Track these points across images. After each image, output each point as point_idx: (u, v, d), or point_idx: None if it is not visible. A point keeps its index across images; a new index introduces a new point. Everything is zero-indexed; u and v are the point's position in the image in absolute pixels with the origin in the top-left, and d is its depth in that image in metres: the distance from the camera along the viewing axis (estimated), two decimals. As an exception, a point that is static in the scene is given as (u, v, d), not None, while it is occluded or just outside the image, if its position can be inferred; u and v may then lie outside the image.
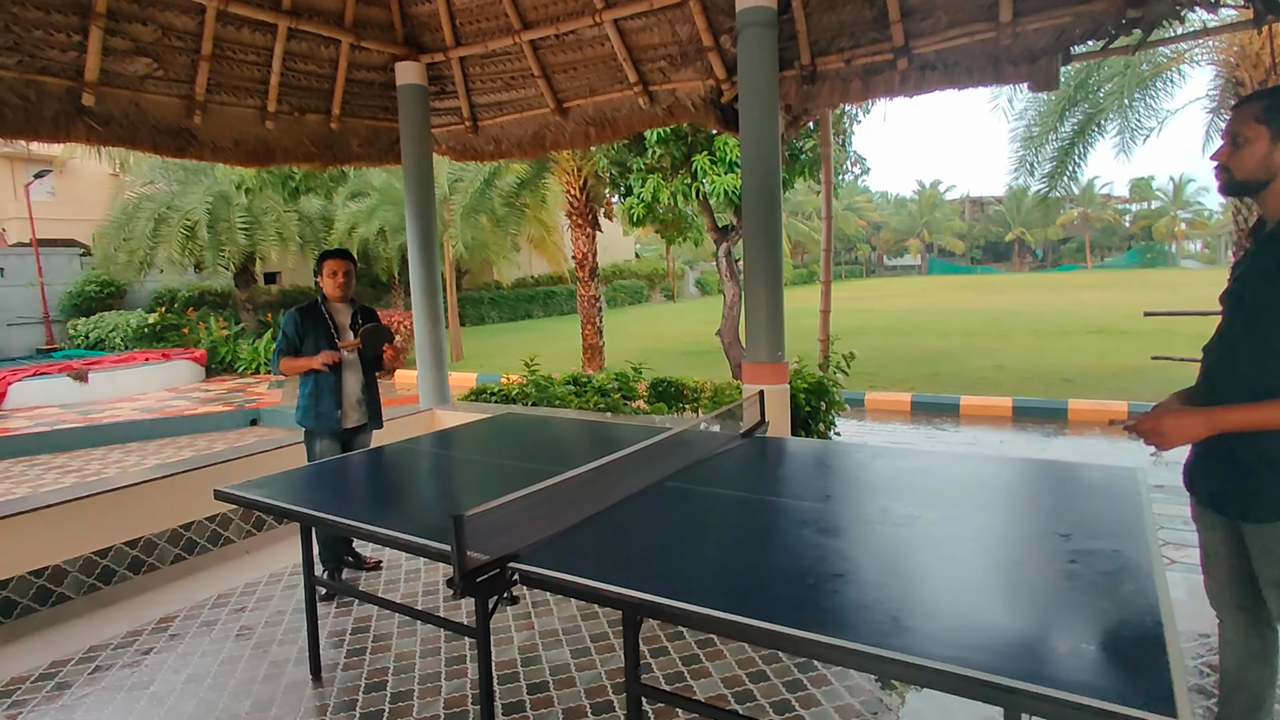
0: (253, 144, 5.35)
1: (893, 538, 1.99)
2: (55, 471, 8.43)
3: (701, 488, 2.61)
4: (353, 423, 3.91)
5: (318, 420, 3.82)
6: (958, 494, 2.38)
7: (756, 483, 2.72)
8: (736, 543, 2.07)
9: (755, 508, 2.37)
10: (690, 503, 2.46)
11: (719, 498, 2.49)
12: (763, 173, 4.54)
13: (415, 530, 2.23)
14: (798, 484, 2.72)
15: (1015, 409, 8.47)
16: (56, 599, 3.74)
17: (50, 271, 18.25)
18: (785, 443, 3.37)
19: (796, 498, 2.47)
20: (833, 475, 2.78)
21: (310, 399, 3.83)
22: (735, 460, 3.03)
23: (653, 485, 2.65)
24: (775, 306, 4.64)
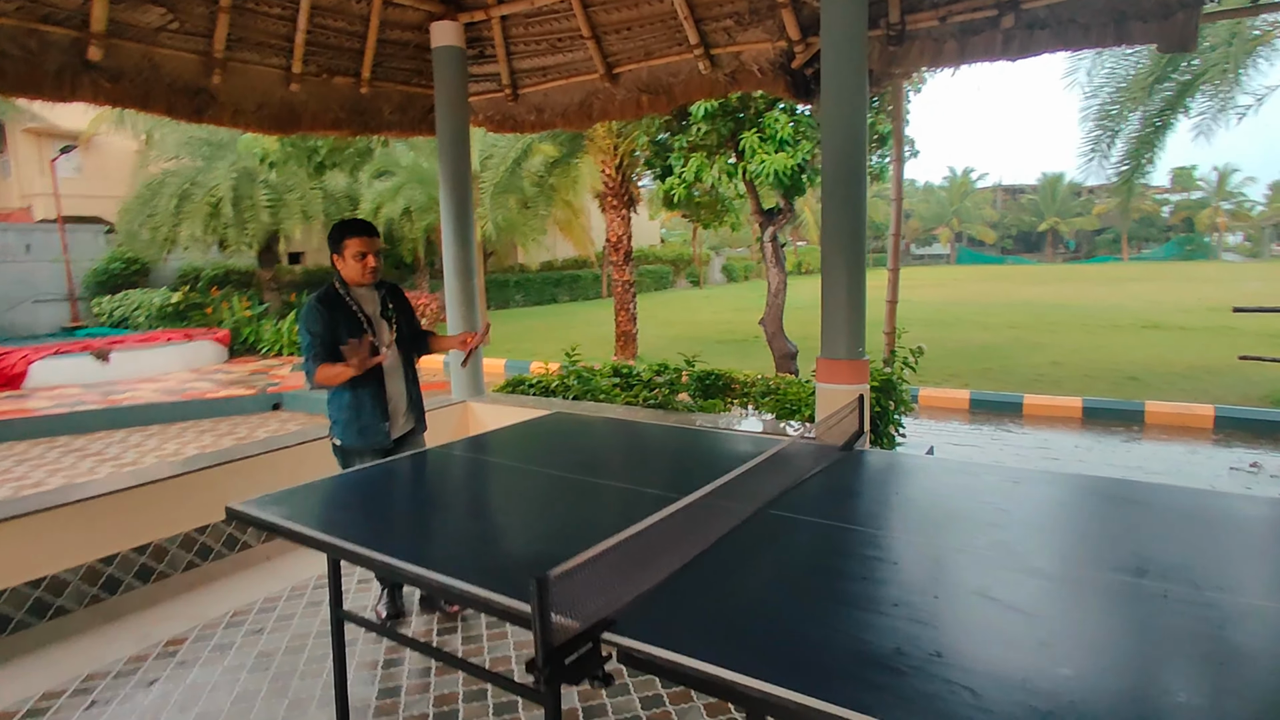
0: (276, 108, 4.89)
1: (1152, 616, 1.48)
2: (74, 455, 8.13)
3: (813, 519, 2.11)
4: (400, 431, 3.25)
5: (362, 436, 3.12)
6: (1195, 543, 1.85)
7: (884, 515, 2.21)
8: (895, 607, 1.57)
9: (902, 554, 1.87)
10: (806, 540, 1.97)
11: (847, 536, 1.99)
12: (846, 148, 3.99)
13: (478, 573, 1.75)
14: (945, 520, 2.20)
15: (1086, 409, 7.86)
16: (55, 612, 3.34)
17: (76, 248, 18.08)
18: (897, 459, 2.86)
19: (955, 544, 1.96)
20: (985, 507, 2.26)
21: (350, 410, 3.10)
22: (843, 481, 2.53)
23: (755, 515, 2.16)
24: (857, 296, 4.11)
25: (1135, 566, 1.70)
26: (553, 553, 1.93)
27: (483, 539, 2.08)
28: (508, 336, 16.99)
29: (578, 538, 2.02)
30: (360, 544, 1.99)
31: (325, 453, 4.51)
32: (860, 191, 4.05)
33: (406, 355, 3.29)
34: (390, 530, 2.16)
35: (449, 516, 2.29)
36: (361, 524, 2.22)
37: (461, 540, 2.08)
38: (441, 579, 1.75)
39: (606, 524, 2.12)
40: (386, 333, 3.18)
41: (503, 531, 2.13)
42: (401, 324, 3.25)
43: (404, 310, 3.31)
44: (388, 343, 3.15)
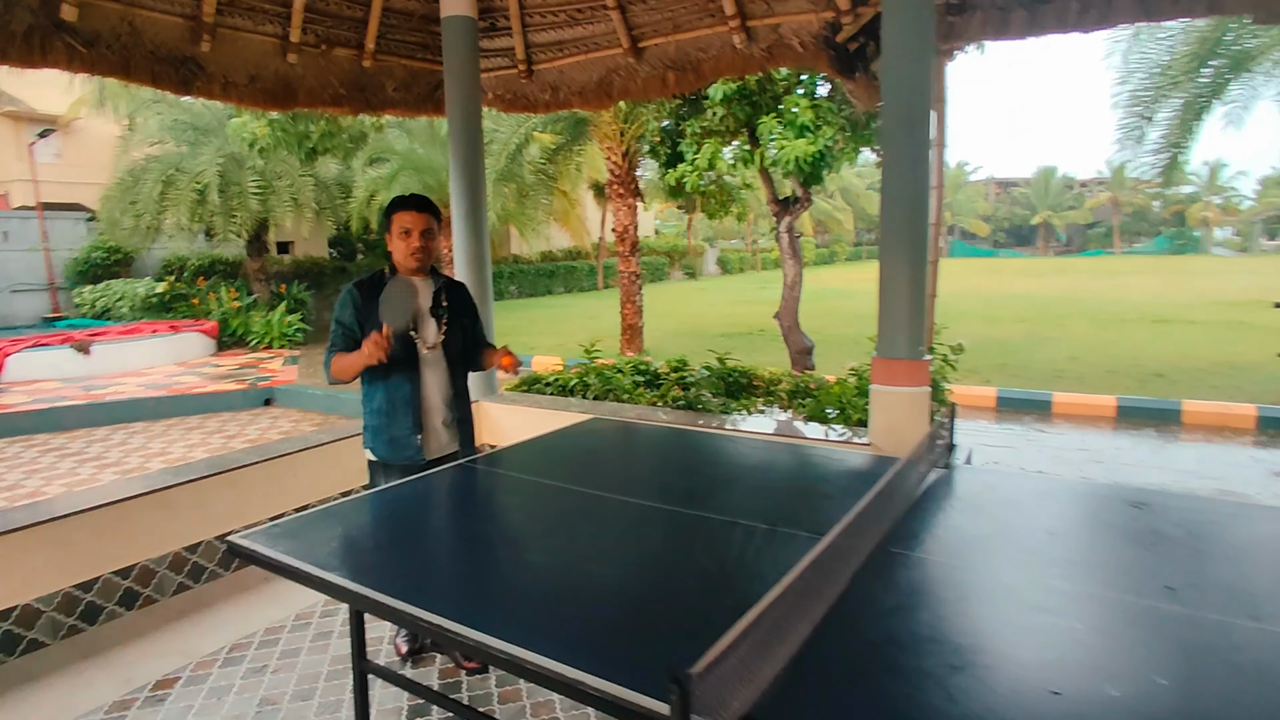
0: (271, 81, 4.46)
1: None
2: (53, 454, 7.67)
3: (940, 559, 1.74)
4: (438, 451, 2.77)
5: (391, 448, 2.70)
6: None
7: (1034, 556, 1.84)
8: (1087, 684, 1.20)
9: (1094, 615, 1.49)
10: (949, 591, 1.59)
11: (995, 584, 1.61)
12: (909, 130, 3.60)
13: (560, 642, 1.37)
14: (1090, 558, 1.84)
15: (1120, 408, 7.56)
16: (27, 647, 2.93)
17: (55, 236, 17.44)
18: (1009, 479, 2.49)
19: (1118, 585, 1.59)
20: (1130, 539, 1.89)
21: (382, 416, 2.70)
22: (958, 507, 2.17)
23: (875, 555, 1.80)
24: (918, 291, 3.73)
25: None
26: (646, 607, 1.54)
27: (551, 587, 1.69)
28: (504, 330, 16.53)
29: (670, 585, 1.64)
30: (399, 596, 1.60)
31: (329, 460, 4.14)
32: (923, 178, 3.68)
33: (454, 362, 2.80)
34: (431, 575, 1.77)
35: (501, 555, 1.90)
36: (394, 566, 1.83)
37: (525, 589, 1.68)
38: (521, 654, 1.36)
39: (702, 567, 1.74)
40: (433, 331, 2.74)
41: (572, 575, 1.74)
42: (454, 325, 2.79)
43: (462, 311, 2.86)
44: (431, 343, 2.72)
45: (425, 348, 2.70)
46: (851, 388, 4.83)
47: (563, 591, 1.66)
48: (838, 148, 8.30)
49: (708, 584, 1.66)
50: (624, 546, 1.92)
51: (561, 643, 1.39)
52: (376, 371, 2.64)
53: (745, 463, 2.72)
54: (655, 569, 1.77)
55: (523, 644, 1.38)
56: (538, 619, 1.52)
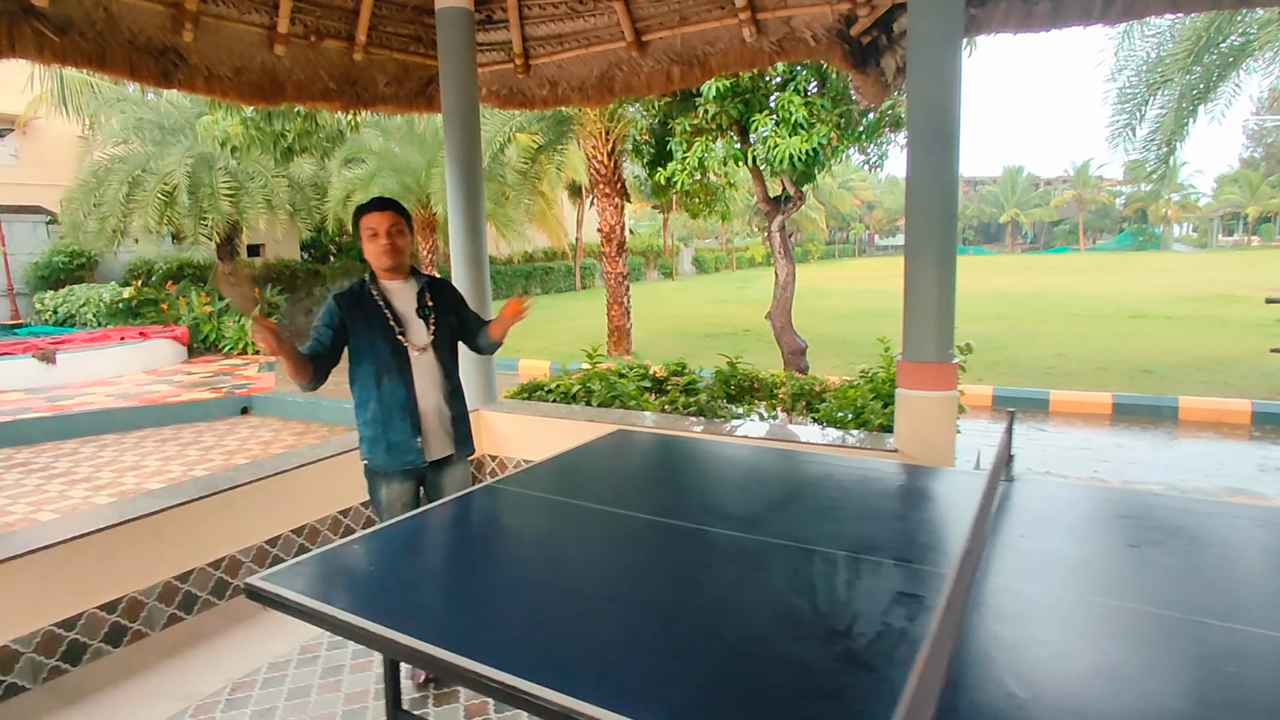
0: (257, 74, 4.20)
1: None
2: (18, 469, 7.26)
3: (1041, 586, 1.59)
4: (438, 453, 2.72)
5: (391, 455, 2.63)
6: None
7: (1131, 577, 1.69)
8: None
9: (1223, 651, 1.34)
10: (1064, 622, 1.43)
11: (1119, 616, 1.46)
12: (937, 126, 3.48)
13: (663, 713, 1.18)
14: (1204, 580, 1.69)
15: (1116, 406, 7.55)
16: (5, 692, 2.67)
17: (14, 240, 16.74)
18: (1061, 489, 2.36)
19: (1250, 618, 1.45)
20: (1238, 559, 1.76)
21: (377, 425, 2.63)
22: (1032, 523, 2.02)
23: (978, 583, 1.64)
24: (946, 292, 3.61)
25: None
26: (743, 657, 1.34)
27: (631, 635, 1.49)
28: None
29: (762, 629, 1.45)
30: (460, 651, 1.40)
31: (327, 476, 3.89)
32: (953, 175, 3.56)
33: (445, 361, 2.76)
34: (486, 622, 1.57)
35: (559, 596, 1.70)
36: (439, 611, 1.63)
37: (601, 640, 1.49)
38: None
39: (790, 604, 1.56)
40: (423, 333, 2.71)
41: (652, 621, 1.55)
42: (442, 323, 2.76)
43: (449, 308, 2.82)
44: (422, 345, 2.69)
45: (415, 350, 2.67)
46: (865, 391, 4.70)
47: (647, 641, 1.47)
48: (830, 145, 8.20)
49: (804, 626, 1.48)
50: (696, 582, 1.74)
51: (662, 709, 1.21)
52: (368, 379, 2.63)
53: (787, 477, 2.56)
54: (740, 610, 1.59)
55: (617, 709, 1.20)
56: (627, 678, 1.34)
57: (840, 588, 1.66)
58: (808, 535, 1.96)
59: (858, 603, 1.59)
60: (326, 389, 2.72)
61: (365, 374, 2.62)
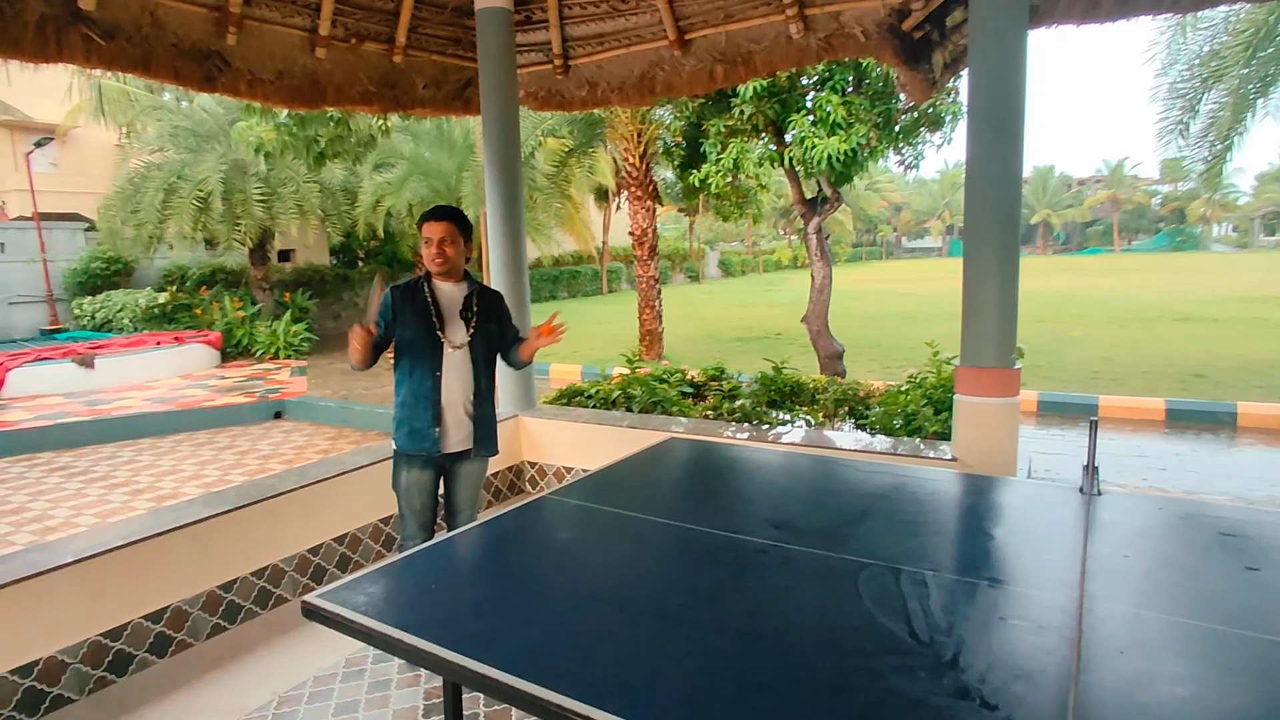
0: (299, 78, 4.18)
1: None
2: (59, 473, 7.34)
3: (1158, 613, 1.45)
4: (456, 446, 2.88)
5: (410, 439, 2.84)
6: None
7: (1258, 611, 1.55)
8: None
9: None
10: (1205, 658, 1.29)
11: None
12: (1000, 122, 3.35)
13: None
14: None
15: (1170, 411, 7.28)
16: (51, 704, 2.63)
17: (53, 247, 17.07)
18: (1151, 504, 2.20)
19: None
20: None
21: (404, 409, 2.86)
22: (1134, 546, 1.88)
23: (1089, 610, 1.50)
24: (1008, 295, 3.47)
25: None
26: (846, 689, 1.26)
27: (712, 663, 1.38)
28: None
29: (859, 656, 1.32)
30: (529, 676, 1.31)
31: (368, 484, 3.83)
32: (1016, 173, 3.42)
33: (478, 363, 2.91)
34: (554, 643, 1.47)
35: (628, 614, 1.59)
36: (503, 631, 1.53)
37: (680, 666, 1.38)
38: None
39: (887, 631, 1.42)
40: (461, 332, 2.87)
41: (739, 646, 1.44)
42: (482, 329, 2.92)
43: (492, 316, 2.98)
44: (458, 343, 2.85)
45: (451, 346, 2.83)
46: (917, 396, 4.54)
47: (734, 671, 1.36)
48: (869, 145, 8.04)
49: (907, 656, 1.36)
50: (779, 606, 1.62)
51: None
52: (405, 367, 2.84)
53: (855, 489, 2.43)
54: (833, 636, 1.47)
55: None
56: (716, 714, 1.23)
57: (937, 612, 1.53)
58: (890, 552, 1.84)
59: (960, 629, 1.46)
60: (357, 394, 2.75)
61: (404, 362, 2.83)
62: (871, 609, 1.56)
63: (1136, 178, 61.44)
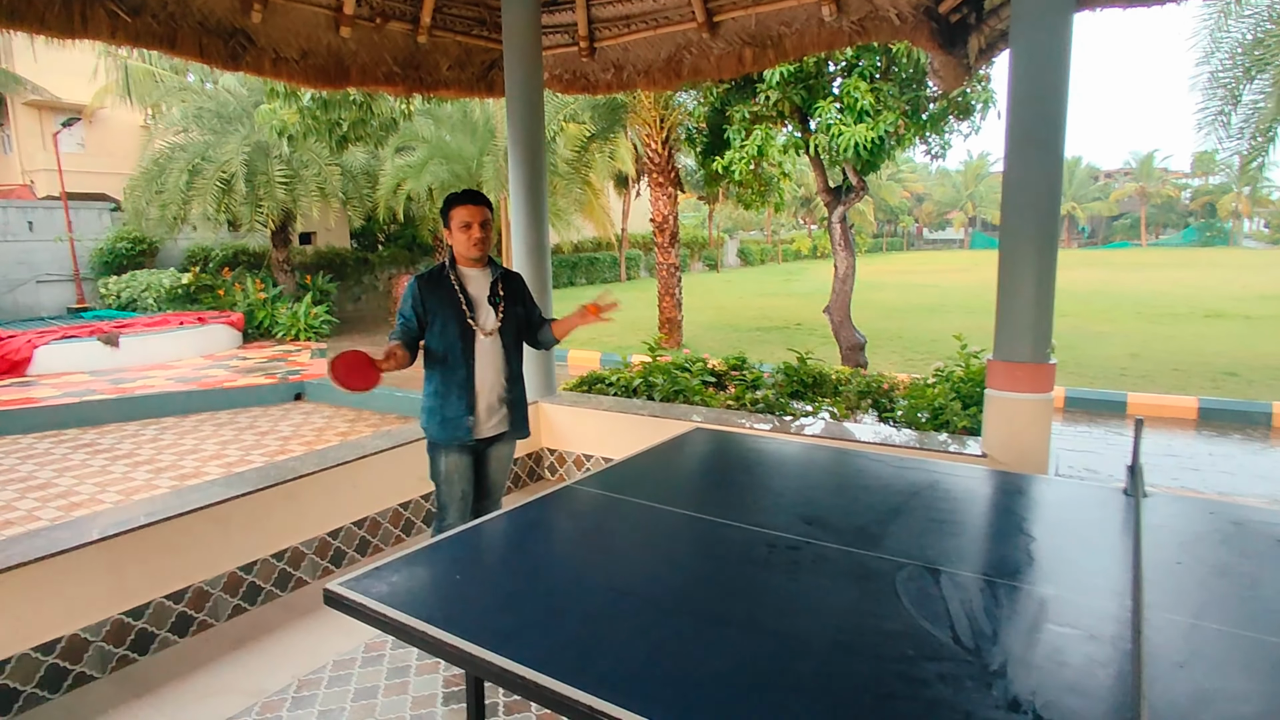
0: (323, 57, 4.14)
1: None
2: (84, 450, 7.43)
3: (1217, 624, 1.37)
4: (489, 431, 2.88)
5: (444, 429, 2.82)
6: None
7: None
8: None
9: None
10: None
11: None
12: (1042, 108, 3.24)
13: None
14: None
15: (1202, 410, 7.11)
16: (74, 681, 2.64)
17: (80, 226, 17.27)
18: (1199, 507, 2.12)
19: None
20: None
21: (435, 398, 2.83)
22: (1186, 552, 1.80)
23: (1140, 620, 1.43)
24: (1045, 288, 3.37)
25: None
26: (884, 699, 1.19)
27: (747, 664, 1.33)
28: (532, 322, 16.17)
29: (899, 663, 1.25)
30: (555, 673, 1.26)
31: (389, 468, 3.82)
32: (1056, 163, 3.31)
33: (509, 347, 2.90)
34: (582, 640, 1.42)
35: (658, 612, 1.54)
36: (528, 625, 1.49)
37: (712, 668, 1.33)
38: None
39: (929, 637, 1.36)
40: (491, 319, 2.85)
41: (770, 648, 1.39)
42: (510, 313, 2.90)
43: (518, 299, 2.97)
44: (489, 330, 2.83)
45: (483, 334, 2.81)
46: (946, 390, 4.45)
47: (772, 675, 1.31)
48: (896, 133, 7.88)
49: (954, 664, 1.30)
50: (816, 607, 1.57)
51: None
52: (435, 356, 2.79)
53: (887, 484, 2.36)
54: (873, 641, 1.41)
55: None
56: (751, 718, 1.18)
57: (981, 617, 1.47)
58: (928, 552, 1.77)
59: (1007, 636, 1.40)
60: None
61: (434, 351, 2.78)
62: (912, 612, 1.50)
63: (1166, 170, 60.18)
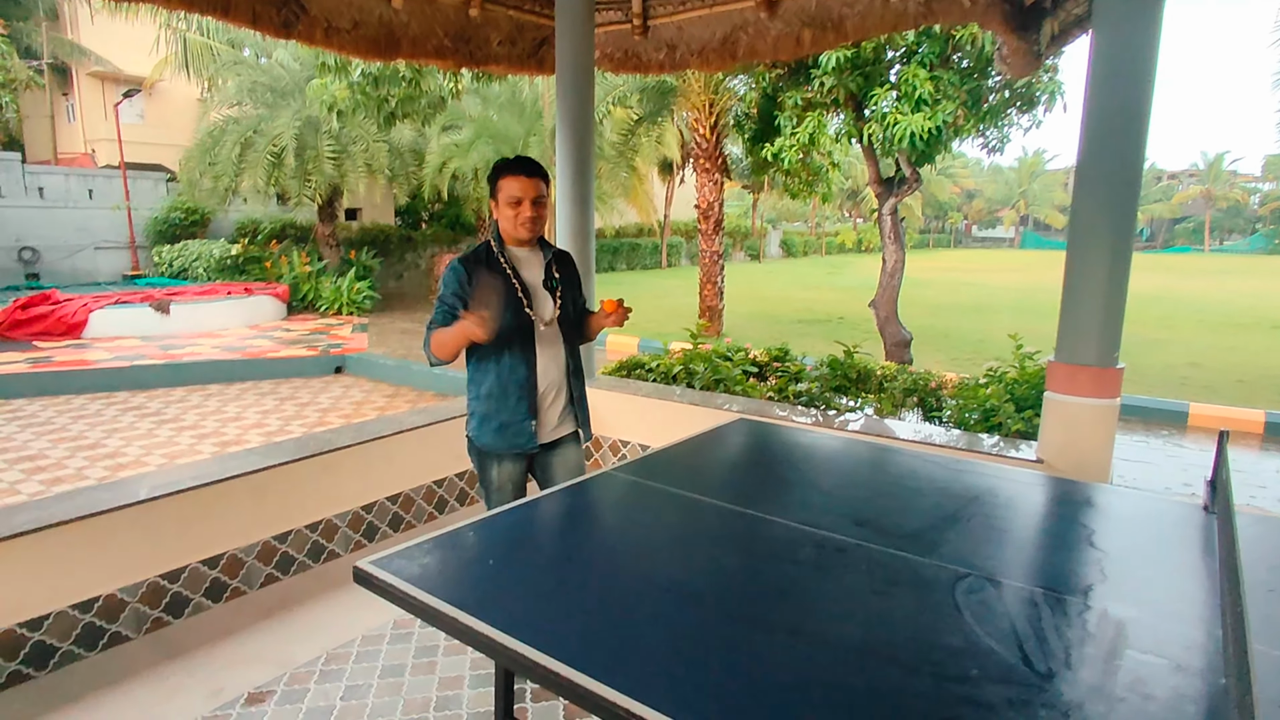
0: (375, 28, 4.09)
1: None
2: (133, 413, 7.63)
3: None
4: (551, 436, 2.49)
5: (501, 436, 2.40)
6: None
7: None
8: None
9: None
10: None
11: None
12: (1123, 98, 3.04)
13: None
14: None
15: (1269, 425, 6.76)
16: (109, 641, 2.66)
17: (136, 196, 17.77)
18: None
19: None
20: None
21: (491, 401, 2.40)
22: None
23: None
24: (1118, 287, 3.18)
25: None
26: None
27: (796, 674, 1.23)
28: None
29: (957, 684, 1.15)
30: (588, 670, 1.19)
31: (425, 445, 3.79)
32: (1138, 155, 3.10)
33: (570, 338, 2.52)
34: (616, 635, 1.34)
35: (699, 610, 1.46)
36: (561, 618, 1.42)
37: (761, 676, 1.24)
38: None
39: (991, 653, 1.24)
40: (549, 306, 2.45)
41: (822, 657, 1.29)
42: (567, 298, 2.50)
43: (571, 283, 2.56)
44: (548, 319, 2.43)
45: (542, 324, 2.41)
46: (999, 391, 4.26)
47: (822, 689, 1.22)
48: (955, 124, 7.61)
49: (1023, 689, 1.19)
50: (869, 615, 1.47)
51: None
52: (488, 352, 2.38)
53: (943, 488, 2.23)
54: (933, 657, 1.31)
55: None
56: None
57: (1052, 636, 1.36)
58: (990, 563, 1.66)
59: (1081, 660, 1.28)
60: (416, 354, 2.56)
61: (485, 347, 2.34)
62: (974, 627, 1.38)
63: (1235, 173, 57.63)
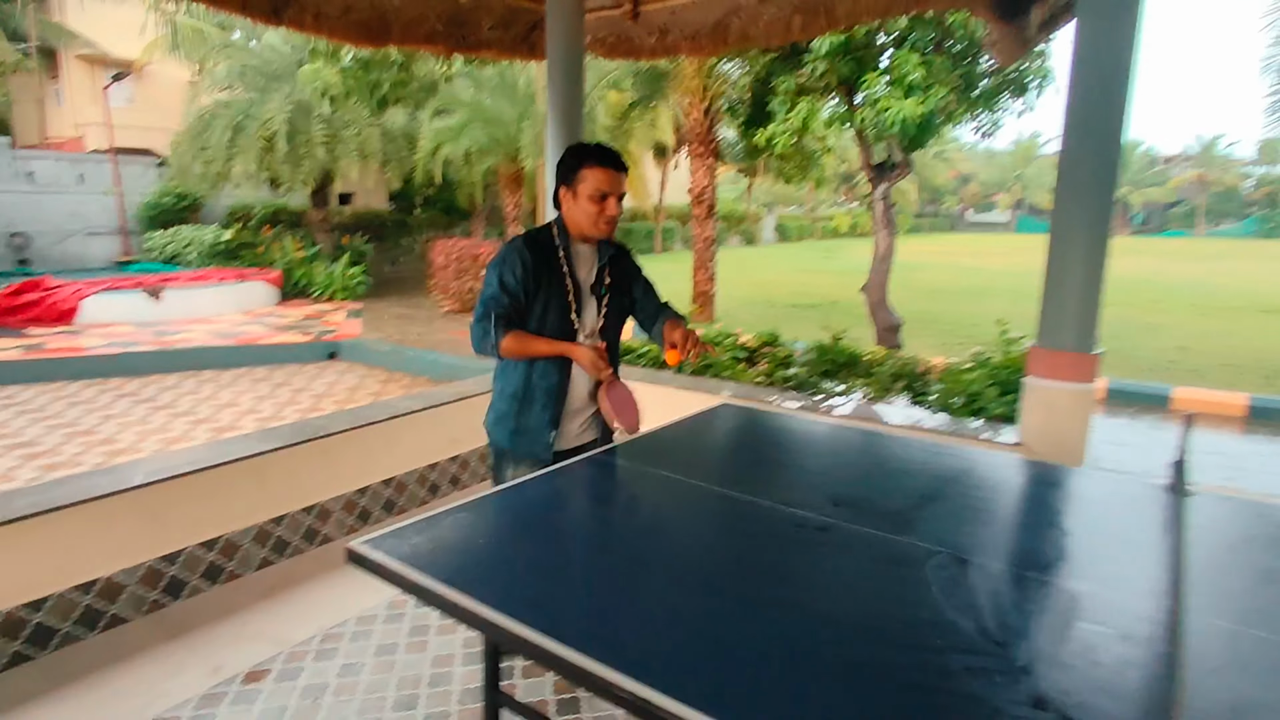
0: (366, 13, 4.10)
1: None
2: (127, 399, 7.66)
3: (1260, 632, 1.31)
4: (572, 443, 2.38)
5: (516, 439, 2.31)
6: None
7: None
8: None
9: None
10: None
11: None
12: (1104, 83, 3.08)
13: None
14: None
15: (1253, 409, 6.86)
16: (109, 622, 2.73)
17: (127, 180, 17.65)
18: (1251, 509, 2.03)
19: None
20: None
21: (515, 401, 2.29)
22: (1234, 556, 1.73)
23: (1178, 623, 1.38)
24: (1094, 274, 3.24)
25: None
26: (915, 690, 1.15)
27: (774, 647, 1.30)
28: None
29: (928, 655, 1.20)
30: (579, 646, 1.25)
31: (422, 430, 3.85)
32: (1116, 142, 3.15)
33: (613, 348, 2.38)
34: (606, 613, 1.41)
35: (683, 589, 1.53)
36: (551, 595, 1.48)
37: (742, 649, 1.31)
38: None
39: (958, 629, 1.32)
40: (593, 315, 2.30)
41: (798, 631, 1.36)
42: (613, 306, 2.35)
43: (625, 285, 2.39)
44: (590, 330, 2.29)
45: (583, 334, 2.27)
46: (984, 376, 4.33)
47: (801, 660, 1.28)
48: (947, 109, 7.64)
49: (980, 657, 1.26)
50: (842, 590, 1.54)
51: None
52: None
53: (920, 469, 2.30)
54: (900, 627, 1.38)
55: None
56: (783, 708, 1.16)
57: (1011, 610, 1.43)
58: (960, 541, 1.72)
59: (1037, 631, 1.36)
60: (410, 339, 2.59)
61: None
62: (940, 601, 1.45)
63: (1229, 158, 57.64)
